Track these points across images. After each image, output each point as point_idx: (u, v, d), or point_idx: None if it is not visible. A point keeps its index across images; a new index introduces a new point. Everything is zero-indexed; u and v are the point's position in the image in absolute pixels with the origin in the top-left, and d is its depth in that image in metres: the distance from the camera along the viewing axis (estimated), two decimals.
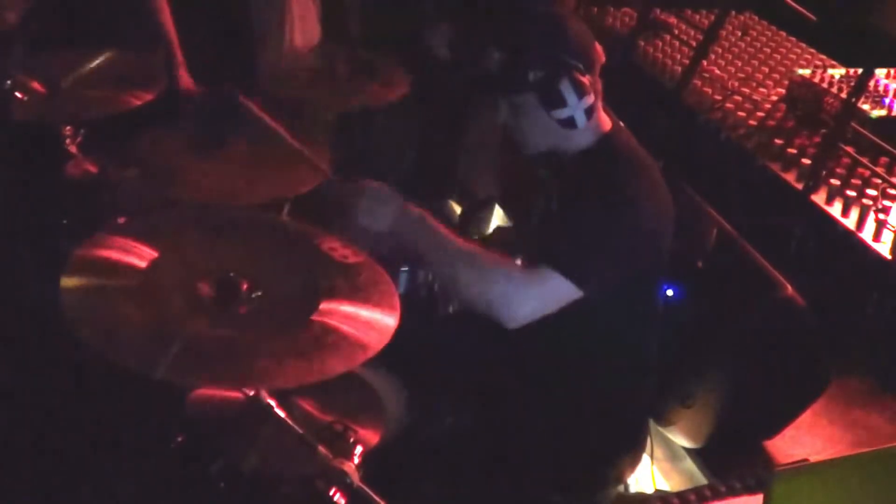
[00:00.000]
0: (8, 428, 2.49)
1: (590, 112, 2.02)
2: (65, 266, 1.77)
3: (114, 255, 1.83)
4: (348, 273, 1.90)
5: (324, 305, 1.79)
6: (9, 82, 2.58)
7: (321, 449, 1.69)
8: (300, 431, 1.73)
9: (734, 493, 1.74)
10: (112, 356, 1.62)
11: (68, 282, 1.73)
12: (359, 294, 1.84)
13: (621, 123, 2.15)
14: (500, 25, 2.17)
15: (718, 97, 3.36)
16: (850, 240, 2.66)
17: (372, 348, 1.71)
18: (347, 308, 1.80)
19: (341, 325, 1.75)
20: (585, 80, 2.01)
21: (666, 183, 2.10)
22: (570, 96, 1.99)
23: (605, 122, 2.11)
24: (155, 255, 1.84)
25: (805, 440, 2.53)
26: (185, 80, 3.25)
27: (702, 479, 2.56)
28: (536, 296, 1.93)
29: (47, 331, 1.75)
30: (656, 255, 2.07)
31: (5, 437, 2.47)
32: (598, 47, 2.10)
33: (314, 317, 1.76)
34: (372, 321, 1.78)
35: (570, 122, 2.02)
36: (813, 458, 1.38)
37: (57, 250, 2.42)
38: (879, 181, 2.82)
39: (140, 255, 1.84)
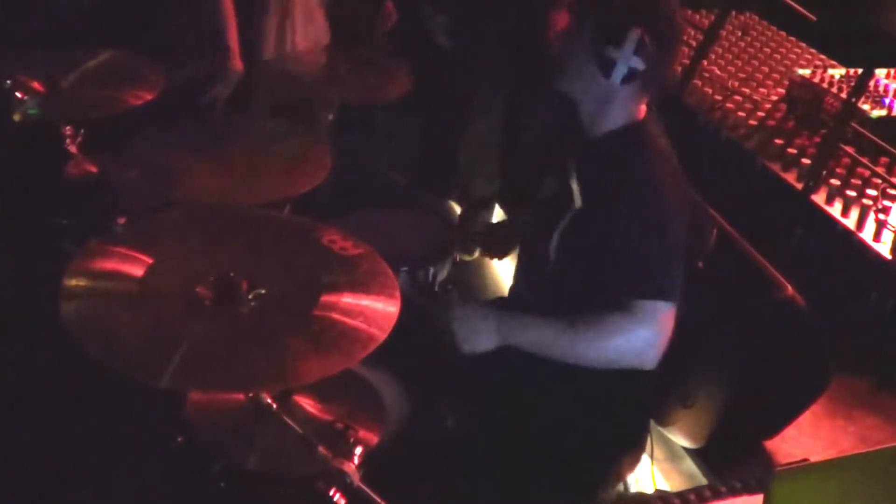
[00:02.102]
0: (8, 428, 2.49)
1: (630, 76, 1.99)
2: (65, 267, 1.77)
3: (112, 262, 1.83)
4: (348, 265, 1.90)
5: (325, 298, 1.79)
6: (9, 82, 2.58)
7: (321, 449, 1.69)
8: (300, 431, 1.73)
9: (734, 493, 1.74)
10: (114, 365, 1.62)
11: (67, 290, 1.73)
12: (359, 285, 1.84)
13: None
14: None
15: (718, 97, 3.37)
16: (850, 240, 2.67)
17: (376, 338, 1.71)
18: (349, 300, 1.80)
19: (343, 317, 1.75)
20: (651, 48, 1.98)
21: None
22: (628, 45, 1.96)
23: (642, 111, 2.10)
24: (153, 260, 1.83)
25: (805, 440, 2.53)
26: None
27: (702, 479, 2.56)
28: (649, 330, 1.93)
29: (48, 330, 1.75)
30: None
31: (6, 438, 2.47)
32: (680, 48, 2.07)
33: (315, 311, 1.76)
34: (374, 311, 1.78)
35: (608, 66, 1.98)
36: (813, 458, 1.38)
37: (57, 251, 2.42)
38: (879, 181, 2.83)
39: (138, 261, 1.83)
